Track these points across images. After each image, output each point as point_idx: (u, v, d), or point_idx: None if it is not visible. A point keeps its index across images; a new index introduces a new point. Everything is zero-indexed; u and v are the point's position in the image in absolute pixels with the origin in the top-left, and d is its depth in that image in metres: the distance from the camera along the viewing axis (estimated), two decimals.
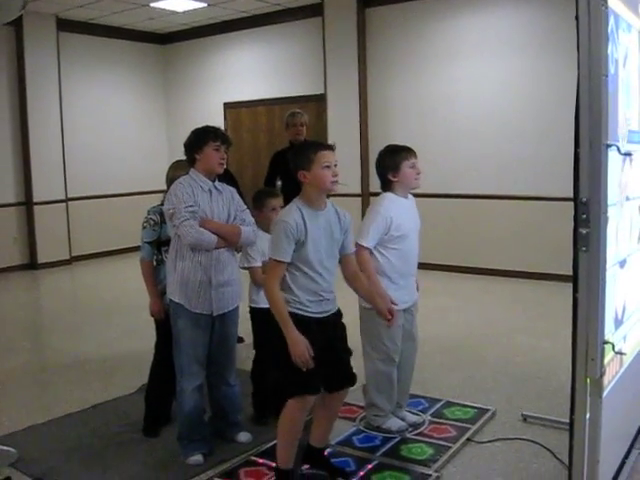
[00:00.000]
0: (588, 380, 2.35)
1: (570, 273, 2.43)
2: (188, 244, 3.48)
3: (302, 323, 3.03)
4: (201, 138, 3.60)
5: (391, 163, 3.69)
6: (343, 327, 3.28)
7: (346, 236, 3.22)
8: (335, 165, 3.08)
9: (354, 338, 3.82)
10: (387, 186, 3.74)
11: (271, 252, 3.05)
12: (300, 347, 2.96)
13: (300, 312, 3.06)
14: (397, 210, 3.66)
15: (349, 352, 3.28)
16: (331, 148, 3.12)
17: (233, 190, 3.78)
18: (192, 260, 3.53)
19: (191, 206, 3.47)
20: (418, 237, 3.84)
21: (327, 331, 3.13)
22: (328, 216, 3.14)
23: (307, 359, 2.97)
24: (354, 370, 3.31)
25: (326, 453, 3.51)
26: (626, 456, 3.28)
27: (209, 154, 3.57)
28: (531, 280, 7.90)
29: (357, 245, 3.59)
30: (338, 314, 3.24)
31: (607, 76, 2.37)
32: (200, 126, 3.71)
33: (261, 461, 3.55)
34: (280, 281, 3.05)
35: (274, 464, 3.26)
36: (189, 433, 3.66)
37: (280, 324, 3.01)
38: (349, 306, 3.43)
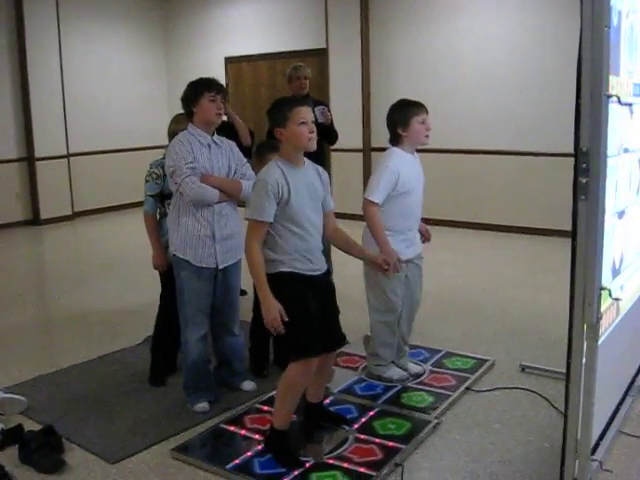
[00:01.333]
0: (585, 325, 2.41)
1: (569, 229, 2.46)
2: (190, 200, 3.51)
3: (294, 280, 3.02)
4: (196, 90, 3.60)
5: (401, 118, 3.69)
6: (332, 287, 3.29)
7: (326, 193, 3.21)
8: (312, 122, 3.04)
9: (357, 291, 3.88)
10: (396, 140, 3.75)
11: (251, 212, 2.97)
12: (273, 312, 2.93)
13: (289, 270, 3.03)
14: (404, 166, 3.69)
15: (338, 312, 3.31)
16: (306, 104, 3.08)
17: (232, 144, 3.80)
18: (195, 215, 3.56)
19: (191, 162, 3.49)
20: (422, 194, 3.87)
21: (317, 290, 3.11)
22: (308, 173, 3.13)
23: (279, 325, 2.93)
24: (354, 324, 3.35)
25: (328, 401, 3.61)
26: (620, 403, 3.36)
27: (205, 106, 3.57)
28: (531, 236, 7.95)
29: (366, 200, 3.65)
30: (327, 274, 3.26)
31: (609, 27, 2.37)
32: (195, 79, 3.70)
33: (265, 408, 3.63)
34: (261, 242, 2.99)
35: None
36: (194, 382, 3.75)
37: (256, 286, 2.98)
38: (353, 260, 3.46)
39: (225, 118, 4.08)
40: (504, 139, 8.15)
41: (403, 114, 3.69)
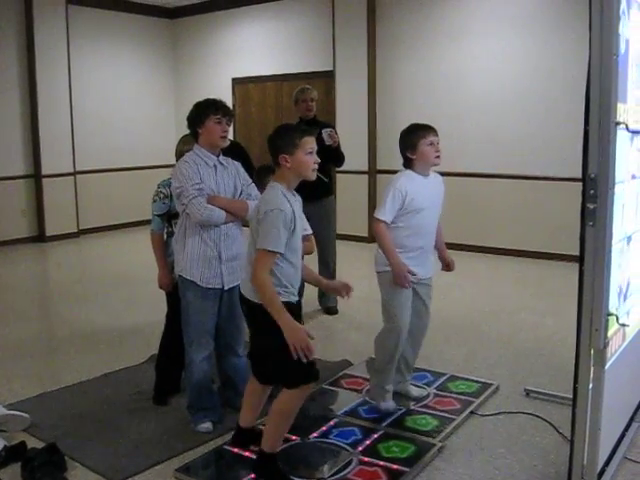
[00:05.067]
0: (592, 351, 2.41)
1: (575, 253, 2.48)
2: (198, 222, 3.51)
3: (292, 312, 2.97)
4: (202, 112, 3.59)
5: (409, 142, 3.77)
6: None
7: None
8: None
9: (362, 314, 3.88)
10: (407, 163, 3.83)
11: (264, 242, 2.88)
12: (301, 334, 2.87)
13: (285, 300, 2.98)
14: (413, 186, 3.74)
15: None
16: (313, 134, 3.09)
17: (238, 164, 3.80)
18: (201, 236, 3.56)
19: (197, 183, 3.49)
20: (436, 214, 3.91)
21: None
22: (298, 201, 3.12)
23: (309, 345, 2.87)
24: (358, 346, 3.34)
25: (332, 424, 3.62)
26: (626, 429, 3.35)
27: (211, 128, 3.57)
28: (536, 259, 7.95)
29: (374, 218, 3.73)
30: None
31: (618, 56, 2.40)
32: (202, 99, 3.70)
33: None
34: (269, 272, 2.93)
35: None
36: (198, 402, 3.74)
37: (274, 314, 2.88)
38: (358, 282, 3.47)
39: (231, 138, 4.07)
40: (510, 163, 8.17)
41: (410, 138, 3.77)
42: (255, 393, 3.34)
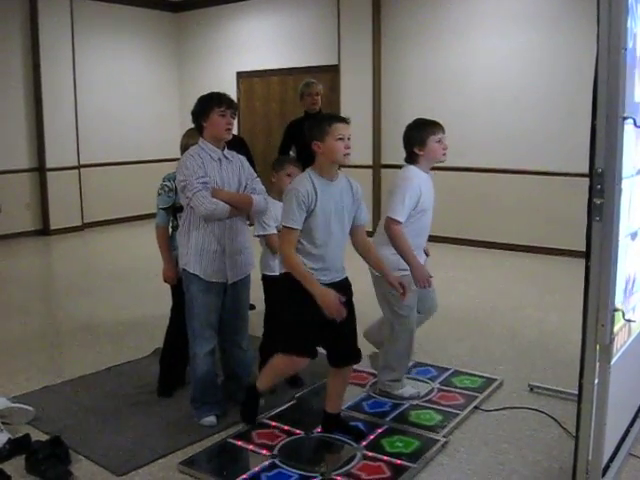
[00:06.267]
0: (598, 346, 2.41)
1: (580, 249, 2.47)
2: (202, 215, 3.50)
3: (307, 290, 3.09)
4: (206, 105, 3.59)
5: (418, 137, 3.72)
6: (350, 298, 3.29)
7: (359, 208, 3.29)
8: (348, 138, 3.14)
9: (366, 307, 3.88)
10: (412, 159, 3.77)
11: (283, 219, 3.12)
12: (330, 297, 3.03)
13: None
14: (423, 184, 3.72)
15: (354, 326, 3.33)
16: (346, 121, 3.19)
17: (243, 158, 3.80)
18: (206, 230, 3.56)
19: (202, 177, 3.49)
20: (431, 212, 3.90)
21: None
22: (340, 186, 3.20)
23: (340, 307, 3.03)
24: (362, 340, 3.35)
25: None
26: (631, 424, 3.35)
27: (215, 120, 3.57)
28: (541, 255, 7.93)
29: (390, 219, 3.63)
30: (345, 284, 3.27)
31: (626, 50, 2.39)
32: (206, 93, 3.70)
33: (274, 424, 3.63)
34: (294, 248, 3.11)
35: (286, 426, 3.40)
36: (202, 396, 3.74)
37: (304, 284, 3.07)
38: (361, 275, 3.47)
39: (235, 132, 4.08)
40: (515, 158, 8.14)
41: (420, 133, 3.72)
42: (331, 377, 3.48)
